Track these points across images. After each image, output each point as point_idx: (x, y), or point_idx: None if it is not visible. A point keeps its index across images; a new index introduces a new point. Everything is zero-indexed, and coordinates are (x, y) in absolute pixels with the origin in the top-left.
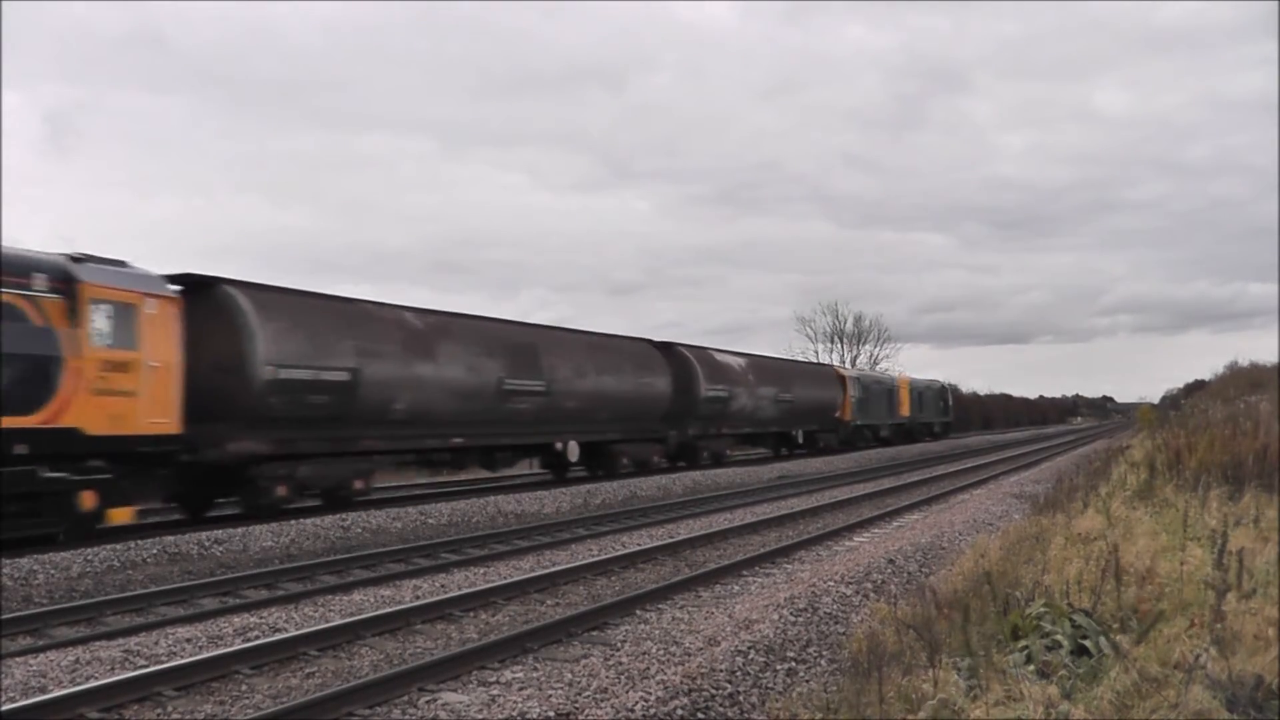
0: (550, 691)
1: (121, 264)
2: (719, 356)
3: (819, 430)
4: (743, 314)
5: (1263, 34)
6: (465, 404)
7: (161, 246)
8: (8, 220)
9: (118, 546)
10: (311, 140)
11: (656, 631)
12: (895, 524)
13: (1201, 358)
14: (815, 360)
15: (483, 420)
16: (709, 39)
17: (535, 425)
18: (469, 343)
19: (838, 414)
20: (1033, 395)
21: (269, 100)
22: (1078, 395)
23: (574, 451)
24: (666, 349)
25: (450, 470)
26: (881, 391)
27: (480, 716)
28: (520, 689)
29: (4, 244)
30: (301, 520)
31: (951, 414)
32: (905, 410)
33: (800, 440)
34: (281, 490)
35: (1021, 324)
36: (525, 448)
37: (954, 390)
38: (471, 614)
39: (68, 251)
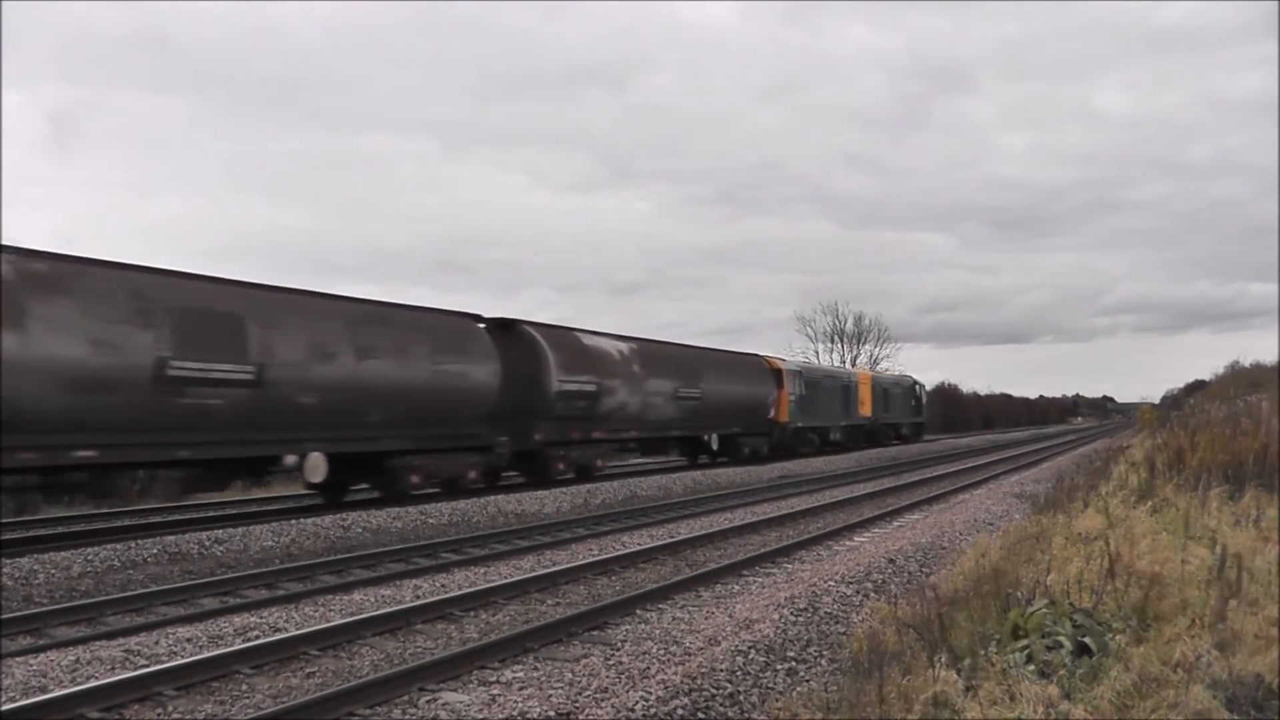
0: (551, 691)
1: None
2: (587, 339)
3: (743, 434)
4: (744, 314)
5: (1263, 34)
6: (93, 398)
7: (163, 246)
8: (9, 220)
9: (118, 546)
10: (312, 140)
11: (657, 631)
12: (896, 524)
13: (1202, 358)
14: (746, 351)
15: (135, 424)
16: (710, 39)
17: (242, 430)
18: (98, 304)
19: (770, 414)
20: (1033, 395)
21: (269, 100)
22: (1078, 395)
23: (317, 467)
24: (505, 327)
25: (94, 499)
26: (833, 388)
27: (481, 716)
28: (521, 689)
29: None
30: (301, 520)
31: (924, 414)
32: (866, 410)
33: (715, 446)
34: None
35: (1022, 324)
36: (227, 463)
37: (947, 388)
38: (472, 614)
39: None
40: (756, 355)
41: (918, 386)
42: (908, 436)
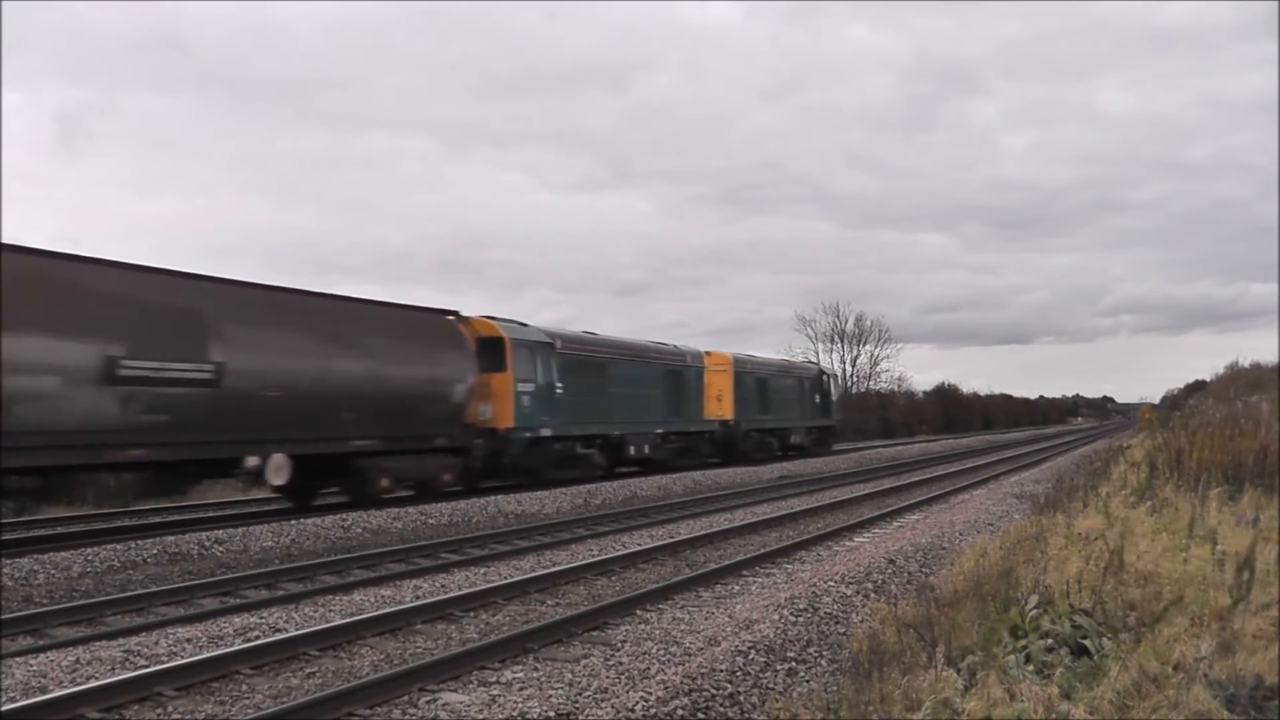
0: (551, 691)
1: None
2: None
3: (383, 450)
4: (746, 314)
5: (1263, 34)
6: None
7: (165, 246)
8: (14, 219)
9: (118, 546)
10: (313, 140)
11: (657, 631)
12: (896, 524)
13: (1204, 358)
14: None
15: None
16: (712, 39)
17: None
18: None
19: (468, 415)
20: (1033, 396)
21: (271, 100)
22: (1078, 396)
23: None
24: None
25: None
26: (642, 376)
27: (480, 716)
28: (520, 689)
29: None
30: (302, 520)
31: (834, 414)
32: (723, 409)
33: (280, 480)
34: None
35: (1024, 324)
36: None
37: (947, 388)
38: (472, 614)
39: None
40: (435, 311)
41: (825, 377)
42: (804, 447)
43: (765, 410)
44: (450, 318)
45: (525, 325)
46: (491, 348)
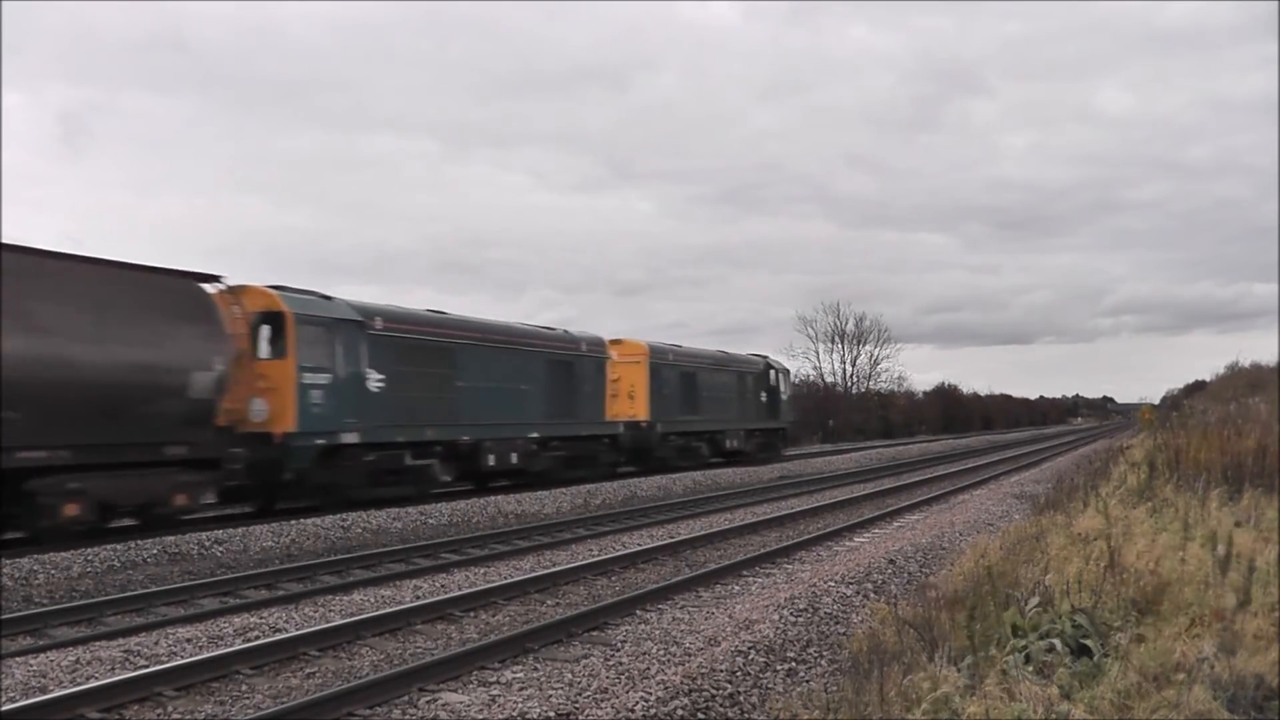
0: (550, 692)
1: None
2: None
3: (78, 463)
4: (747, 314)
5: (1264, 34)
6: None
7: (166, 247)
8: (16, 220)
9: (118, 546)
10: (314, 140)
11: (657, 632)
12: (896, 524)
13: (1205, 358)
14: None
15: None
16: (712, 39)
17: None
18: None
19: (242, 418)
20: (1033, 396)
21: (272, 100)
22: (1078, 396)
23: None
24: None
25: None
26: (514, 367)
27: (480, 716)
28: (520, 689)
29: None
30: (302, 520)
31: (785, 415)
32: (635, 408)
33: None
34: None
35: (1024, 325)
36: None
37: (947, 388)
38: (472, 614)
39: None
40: (172, 273)
41: (774, 372)
42: (745, 452)
43: (692, 409)
44: (200, 283)
45: (329, 299)
46: (271, 326)
